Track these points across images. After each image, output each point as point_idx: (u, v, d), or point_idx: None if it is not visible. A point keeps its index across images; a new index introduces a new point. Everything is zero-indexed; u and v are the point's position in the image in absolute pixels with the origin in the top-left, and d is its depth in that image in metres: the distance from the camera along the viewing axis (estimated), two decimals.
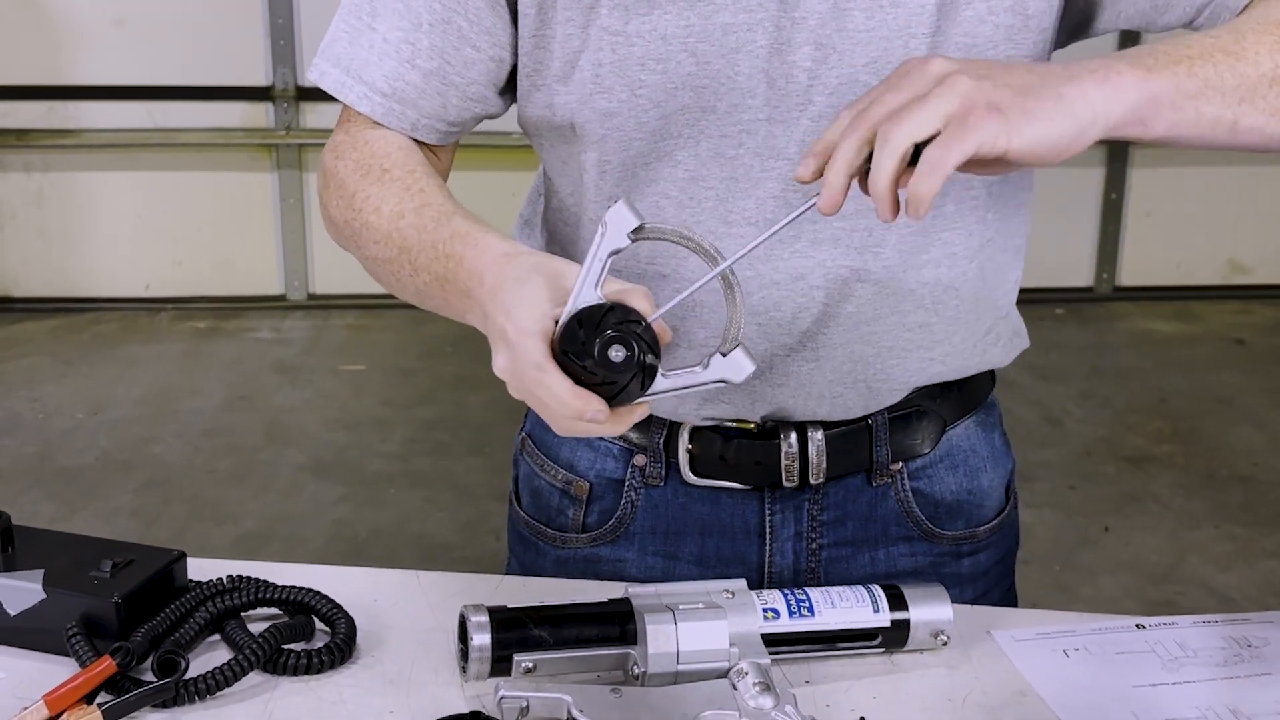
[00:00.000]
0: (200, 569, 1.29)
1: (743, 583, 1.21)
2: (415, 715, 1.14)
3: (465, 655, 1.16)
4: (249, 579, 1.27)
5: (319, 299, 5.24)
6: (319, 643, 1.23)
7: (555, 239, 1.39)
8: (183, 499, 3.86)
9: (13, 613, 1.22)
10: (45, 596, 1.21)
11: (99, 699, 1.13)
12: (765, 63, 1.22)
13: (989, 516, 1.44)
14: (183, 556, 1.27)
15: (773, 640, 1.18)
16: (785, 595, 1.22)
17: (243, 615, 1.25)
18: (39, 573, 1.22)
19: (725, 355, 1.05)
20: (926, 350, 1.33)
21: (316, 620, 1.25)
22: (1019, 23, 1.24)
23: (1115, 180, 5.37)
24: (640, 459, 1.37)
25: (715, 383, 1.06)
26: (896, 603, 1.23)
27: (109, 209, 5.17)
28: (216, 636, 1.24)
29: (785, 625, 1.20)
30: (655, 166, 1.26)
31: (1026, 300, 1.42)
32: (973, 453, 1.41)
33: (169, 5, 4.99)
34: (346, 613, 1.24)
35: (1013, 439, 1.49)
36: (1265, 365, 4.85)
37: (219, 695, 1.16)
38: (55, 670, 1.17)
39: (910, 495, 1.39)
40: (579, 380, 1.03)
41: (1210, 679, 1.21)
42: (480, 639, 1.15)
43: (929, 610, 1.23)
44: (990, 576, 1.45)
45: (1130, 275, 5.42)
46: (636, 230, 1.03)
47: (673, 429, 1.35)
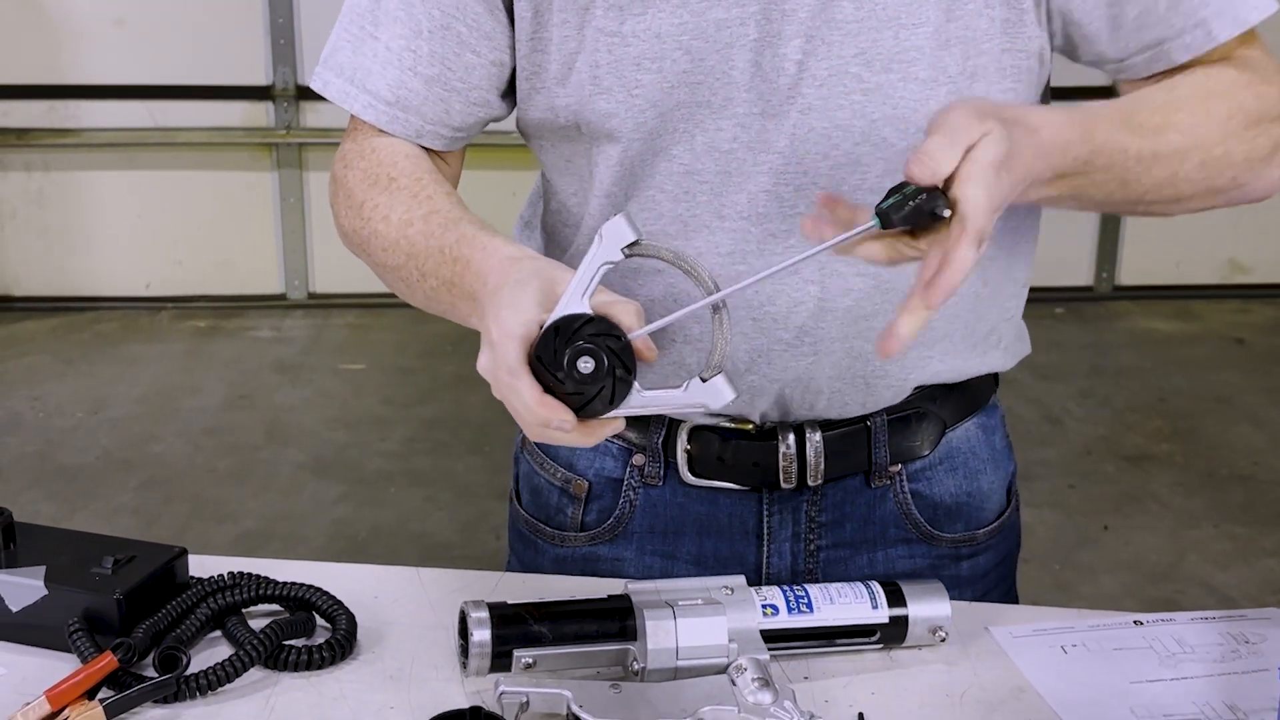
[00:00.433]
0: (201, 565, 1.30)
1: (742, 579, 1.22)
2: (416, 711, 1.14)
3: (465, 651, 1.17)
4: (250, 575, 1.27)
5: (319, 298, 5.24)
6: (320, 639, 1.23)
7: (554, 240, 1.39)
8: (183, 498, 3.86)
9: (14, 609, 1.22)
10: (47, 593, 1.21)
11: (100, 695, 1.14)
12: (756, 55, 1.22)
13: (989, 519, 1.43)
14: (184, 553, 1.27)
15: (772, 636, 1.19)
16: (784, 591, 1.22)
17: (244, 611, 1.25)
18: (41, 569, 1.22)
19: (705, 381, 1.06)
20: (925, 348, 1.33)
21: (317, 616, 1.25)
22: (1014, 16, 1.23)
23: None
24: (639, 458, 1.37)
25: (692, 406, 1.06)
26: (895, 599, 1.23)
27: (109, 208, 5.17)
28: (218, 633, 1.24)
29: (784, 621, 1.20)
30: (651, 162, 1.26)
31: (1026, 299, 1.42)
32: (973, 455, 1.41)
33: (169, 5, 4.99)
34: (347, 609, 1.25)
35: (1012, 438, 1.48)
36: (1265, 364, 4.85)
37: (220, 691, 1.16)
38: (57, 666, 1.17)
39: (909, 497, 1.38)
40: (551, 389, 1.04)
41: (1208, 675, 1.22)
42: (480, 635, 1.15)
43: (927, 607, 1.23)
44: (990, 579, 1.45)
45: (1130, 274, 5.42)
46: (632, 245, 1.03)
47: (671, 428, 1.35)
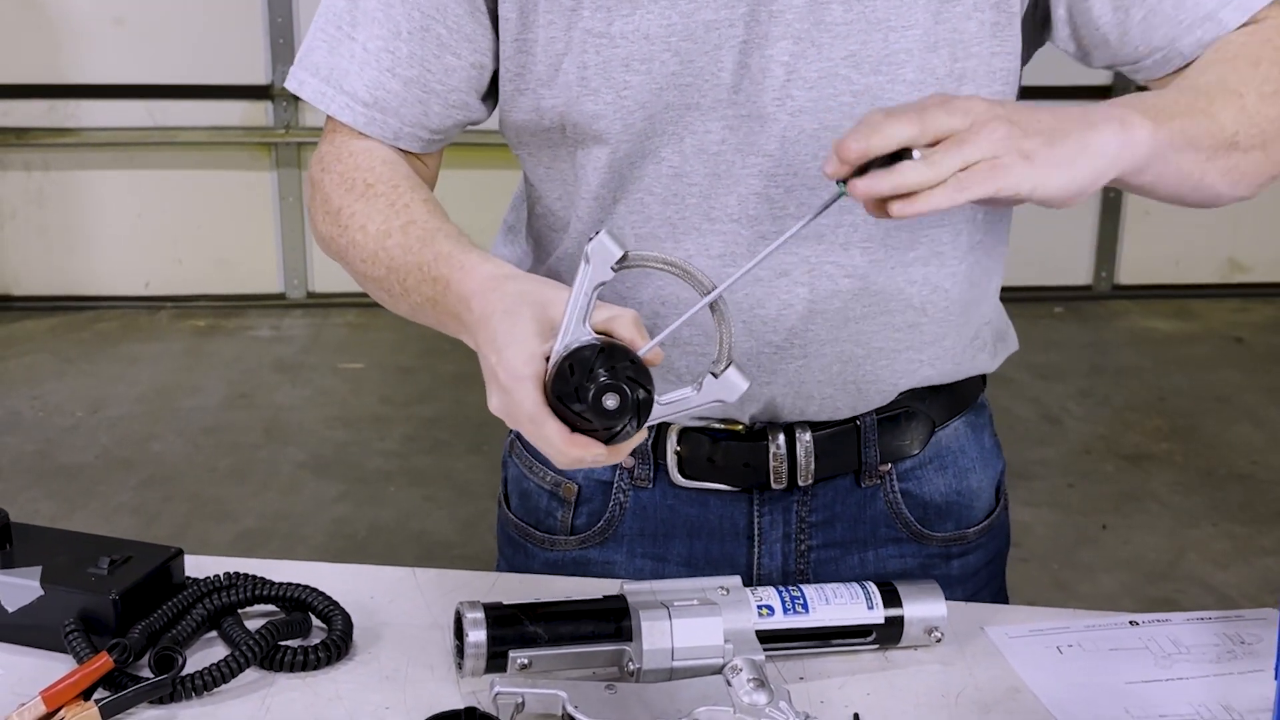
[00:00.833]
0: (198, 566, 1.30)
1: (737, 579, 1.22)
2: (411, 711, 1.14)
3: (461, 652, 1.16)
4: (246, 576, 1.27)
5: (318, 297, 5.24)
6: (316, 639, 1.23)
7: (541, 245, 1.38)
8: (183, 497, 3.86)
9: (10, 609, 1.22)
10: (43, 593, 1.21)
11: (96, 695, 1.14)
12: (744, 56, 1.21)
13: (978, 518, 1.43)
14: (180, 553, 1.27)
15: (767, 637, 1.19)
16: (780, 592, 1.22)
17: (240, 612, 1.25)
18: (37, 569, 1.22)
19: (718, 376, 1.06)
20: (915, 352, 1.32)
21: (313, 617, 1.25)
22: (1004, 20, 1.23)
23: None
24: (628, 461, 1.36)
25: (709, 405, 1.07)
26: (890, 599, 1.23)
27: (109, 207, 5.16)
28: (214, 633, 1.24)
29: (780, 622, 1.20)
30: (641, 164, 1.25)
31: (1025, 299, 1.43)
32: (962, 454, 1.41)
33: (169, 4, 4.99)
34: (343, 609, 1.25)
35: (1011, 437, 1.48)
36: (1264, 364, 4.85)
37: (216, 691, 1.17)
38: (53, 667, 1.17)
39: (899, 496, 1.38)
40: (575, 425, 1.03)
41: (1203, 675, 1.22)
42: (476, 635, 1.15)
43: (923, 607, 1.23)
44: (980, 578, 1.45)
45: (1129, 273, 5.41)
46: (621, 260, 1.02)
47: (661, 431, 1.34)
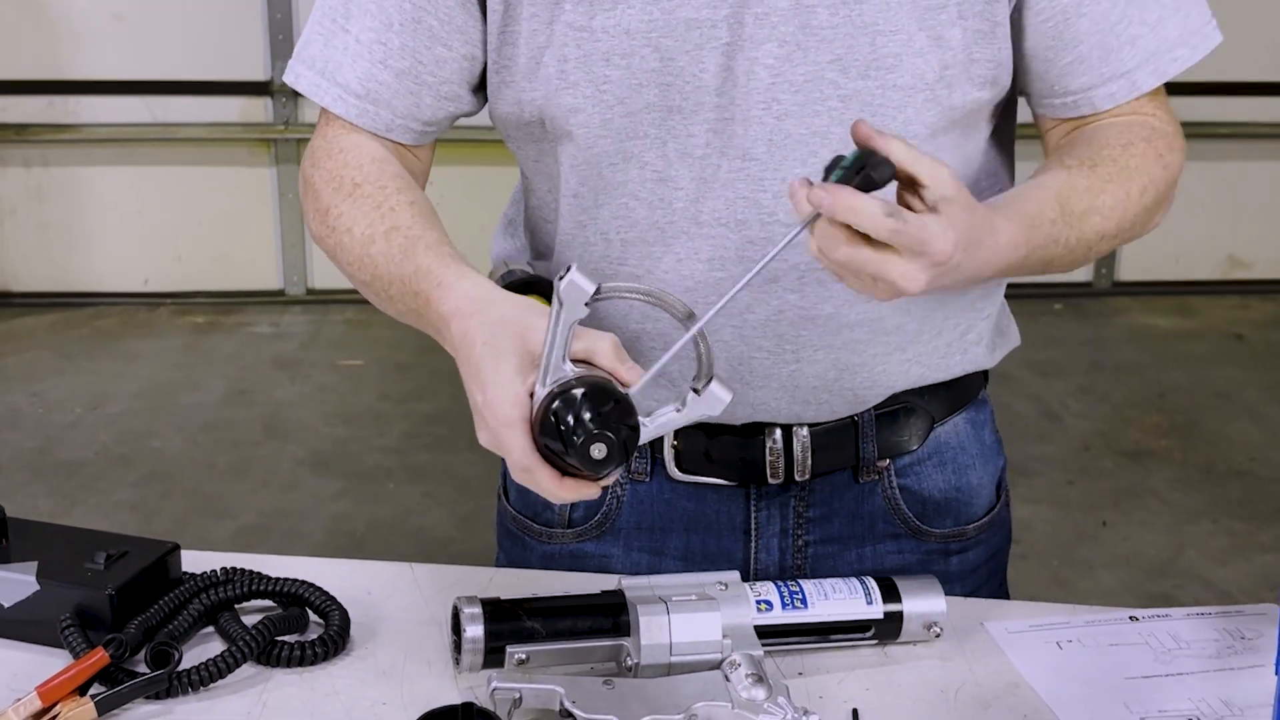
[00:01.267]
0: (194, 561, 1.29)
1: (736, 574, 1.21)
2: (408, 707, 1.14)
3: (458, 647, 1.16)
4: (243, 571, 1.27)
5: (318, 294, 5.23)
6: (313, 635, 1.23)
7: (538, 236, 1.39)
8: (182, 493, 3.86)
9: (6, 604, 1.22)
10: (39, 588, 1.21)
11: (92, 690, 1.13)
12: (728, 59, 1.21)
13: (978, 514, 1.43)
14: (176, 548, 1.27)
15: (766, 632, 1.19)
16: (778, 587, 1.22)
17: (236, 607, 1.25)
18: (33, 564, 1.22)
19: (700, 393, 1.06)
20: (899, 351, 1.32)
21: (310, 612, 1.25)
22: (987, 28, 1.24)
23: None
24: None
25: (693, 422, 1.07)
26: (889, 594, 1.23)
27: (108, 204, 5.16)
28: (210, 628, 1.24)
29: (778, 617, 1.20)
30: (623, 167, 1.25)
31: (1025, 295, 1.42)
32: (961, 450, 1.41)
33: (168, 0, 4.98)
34: (340, 605, 1.24)
35: (1011, 434, 1.48)
36: (1264, 360, 4.84)
37: (212, 687, 1.16)
38: (48, 662, 1.17)
39: (897, 492, 1.38)
40: (564, 470, 1.04)
41: (1203, 671, 1.21)
42: (473, 631, 1.15)
43: (922, 602, 1.23)
44: (980, 574, 1.44)
45: (1129, 270, 5.41)
46: (594, 294, 1.03)
47: None
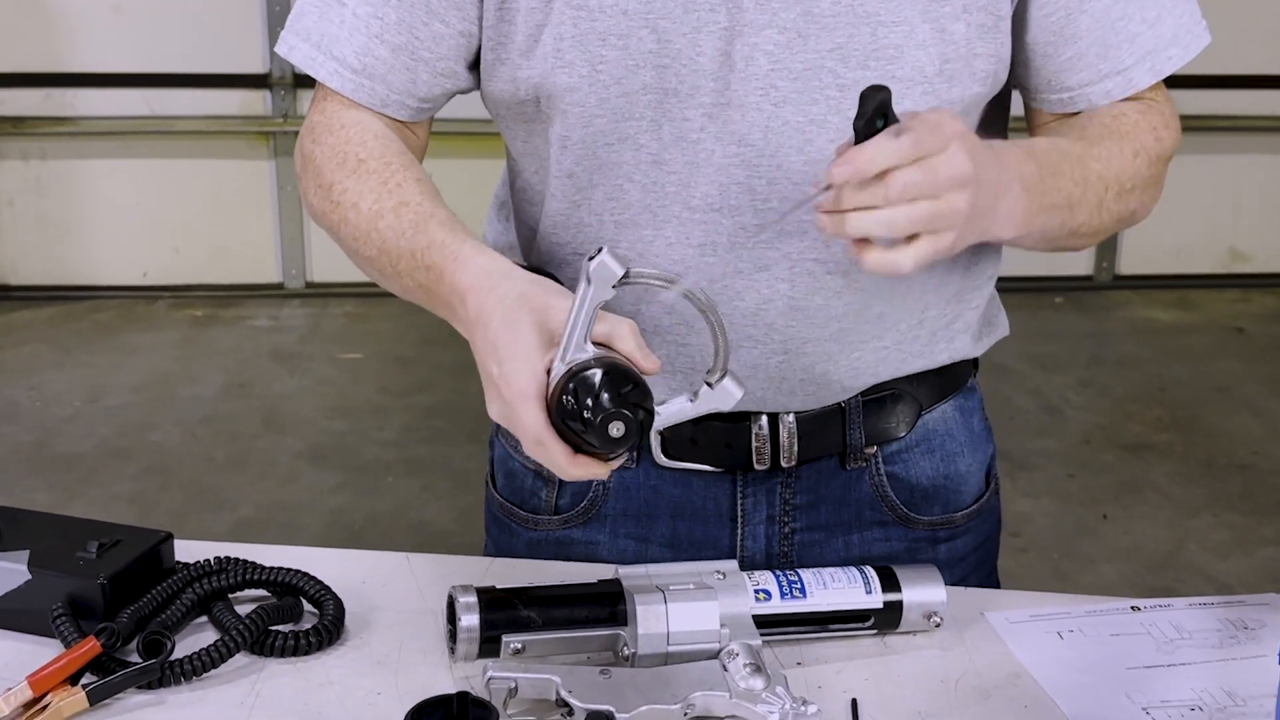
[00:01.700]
0: (188, 550, 1.29)
1: (734, 564, 1.21)
2: (403, 696, 1.13)
3: (454, 636, 1.15)
4: (236, 560, 1.26)
5: (317, 287, 5.22)
6: (307, 624, 1.22)
7: (521, 219, 1.38)
8: (180, 486, 3.85)
9: None
10: (30, 577, 1.20)
11: (84, 680, 1.13)
12: (726, 44, 1.20)
13: (967, 502, 1.42)
14: (170, 537, 1.26)
15: (764, 621, 1.18)
16: (777, 576, 1.21)
17: (230, 597, 1.24)
18: (24, 553, 1.21)
19: (713, 386, 1.07)
20: (876, 339, 1.31)
21: (304, 602, 1.24)
22: (991, 22, 1.23)
23: None
24: None
25: (704, 413, 1.08)
26: (889, 584, 1.22)
27: (107, 197, 5.15)
28: (203, 618, 1.23)
29: (777, 606, 1.19)
30: (618, 149, 1.24)
31: (1026, 289, 1.42)
32: (950, 437, 1.40)
33: None
34: (334, 594, 1.23)
35: (1012, 428, 1.47)
36: (1264, 354, 4.83)
37: (205, 676, 1.15)
38: (40, 651, 1.16)
39: (885, 479, 1.37)
40: (578, 446, 1.05)
41: (1205, 661, 1.21)
42: (468, 620, 1.14)
43: (922, 592, 1.22)
44: (969, 563, 1.44)
45: (1130, 264, 5.40)
46: (622, 279, 1.03)
47: None
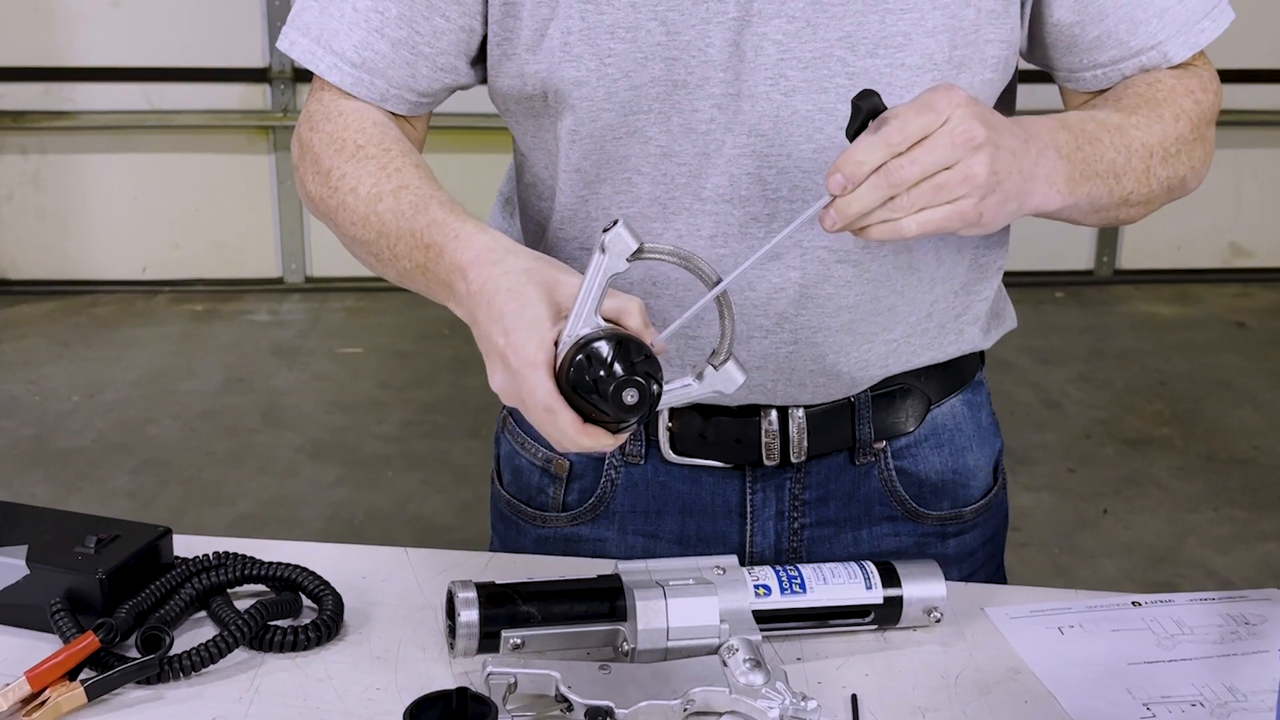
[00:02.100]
0: (187, 546, 1.28)
1: (734, 559, 1.21)
2: (402, 692, 1.13)
3: (453, 632, 1.15)
4: (235, 555, 1.26)
5: (316, 281, 5.22)
6: (306, 619, 1.22)
7: (529, 214, 1.37)
8: (180, 480, 3.85)
9: None
10: (28, 572, 1.20)
11: (82, 676, 1.12)
12: (735, 34, 1.20)
13: (975, 497, 1.42)
14: (168, 532, 1.26)
15: (764, 617, 1.18)
16: (777, 572, 1.20)
17: (229, 592, 1.24)
18: (22, 548, 1.21)
19: (717, 369, 1.07)
20: (886, 331, 1.31)
21: (303, 597, 1.24)
22: (1000, 8, 1.23)
23: None
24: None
25: (707, 396, 1.08)
26: (889, 579, 1.21)
27: (106, 191, 5.15)
28: (202, 613, 1.23)
29: (777, 602, 1.19)
30: (626, 141, 1.24)
31: (1027, 283, 1.42)
32: (958, 432, 1.40)
33: None
34: (334, 589, 1.23)
35: (1012, 422, 1.47)
36: (1265, 348, 4.83)
37: (204, 672, 1.15)
38: (38, 647, 1.16)
39: (894, 474, 1.37)
40: (587, 415, 1.04)
41: (1206, 656, 1.20)
42: (468, 615, 1.14)
43: (922, 587, 1.22)
44: (977, 558, 1.44)
45: (1130, 258, 5.40)
46: (635, 252, 1.04)
47: None
